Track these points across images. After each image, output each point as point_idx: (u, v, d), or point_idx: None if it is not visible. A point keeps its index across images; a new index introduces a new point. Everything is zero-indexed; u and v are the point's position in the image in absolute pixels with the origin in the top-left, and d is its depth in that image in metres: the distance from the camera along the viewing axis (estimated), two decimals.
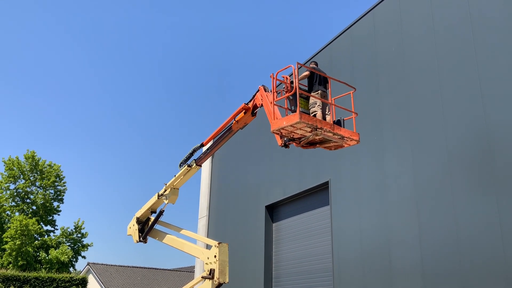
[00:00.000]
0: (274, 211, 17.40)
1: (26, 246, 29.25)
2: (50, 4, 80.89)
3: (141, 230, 11.01)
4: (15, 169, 32.47)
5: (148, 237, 10.93)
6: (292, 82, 7.84)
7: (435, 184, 10.58)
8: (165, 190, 10.32)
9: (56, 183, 33.69)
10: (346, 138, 7.85)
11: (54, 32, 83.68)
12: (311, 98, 8.08)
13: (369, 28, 13.66)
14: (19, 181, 32.90)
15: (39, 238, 31.98)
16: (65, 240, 32.59)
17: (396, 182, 11.67)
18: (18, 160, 32.75)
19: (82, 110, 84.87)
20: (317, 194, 15.01)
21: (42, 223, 32.96)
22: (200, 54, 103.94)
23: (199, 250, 9.42)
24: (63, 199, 34.43)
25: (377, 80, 12.96)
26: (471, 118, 10.05)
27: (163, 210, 10.56)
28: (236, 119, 8.97)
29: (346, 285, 12.57)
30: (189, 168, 9.83)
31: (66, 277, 23.12)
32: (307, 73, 8.33)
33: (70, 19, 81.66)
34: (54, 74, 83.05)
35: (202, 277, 8.71)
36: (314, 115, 7.85)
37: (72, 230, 33.17)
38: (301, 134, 7.57)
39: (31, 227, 29.42)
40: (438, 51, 11.19)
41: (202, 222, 22.21)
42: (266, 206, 17.33)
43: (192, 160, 9.90)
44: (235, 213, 19.62)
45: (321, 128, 7.38)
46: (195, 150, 9.89)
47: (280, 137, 7.81)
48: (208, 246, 9.33)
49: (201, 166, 9.94)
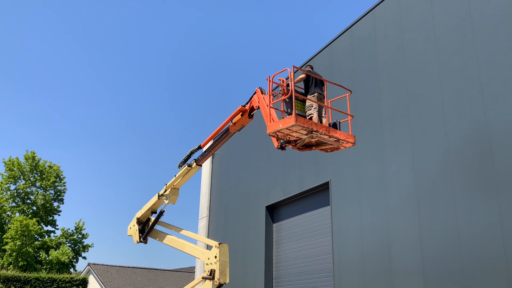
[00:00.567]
0: (274, 212, 17.41)
1: (26, 247, 29.26)
2: (52, 3, 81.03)
3: (141, 231, 11.04)
4: (15, 169, 32.46)
5: (148, 237, 10.96)
6: (288, 85, 7.87)
7: (436, 184, 10.59)
8: (165, 190, 10.36)
9: (56, 184, 33.68)
10: (342, 140, 7.92)
11: (54, 32, 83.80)
12: (307, 101, 8.14)
13: (369, 28, 13.67)
14: (19, 181, 32.89)
15: (40, 239, 31.99)
16: (65, 241, 32.59)
17: (396, 182, 11.67)
18: (18, 160, 32.73)
19: (82, 111, 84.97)
20: (317, 195, 15.02)
21: (42, 224, 32.95)
22: (200, 55, 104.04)
23: (200, 250, 9.45)
24: (63, 200, 34.42)
25: (377, 80, 12.96)
26: (472, 118, 10.05)
27: (163, 211, 10.60)
28: (233, 121, 9.04)
29: (346, 285, 12.58)
30: (189, 168, 9.88)
31: (67, 277, 23.14)
32: (303, 76, 8.40)
33: (70, 20, 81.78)
34: (54, 74, 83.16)
35: (203, 277, 8.75)
36: (310, 118, 7.91)
37: (72, 231, 33.17)
38: (297, 137, 7.64)
39: (32, 228, 29.42)
40: (439, 51, 11.20)
41: (203, 223, 22.22)
42: (266, 207, 17.34)
43: (192, 159, 9.93)
44: (236, 213, 19.63)
45: (316, 130, 7.47)
46: (193, 152, 9.97)
47: (276, 139, 7.89)
48: (208, 247, 9.36)
49: (201, 166, 9.98)
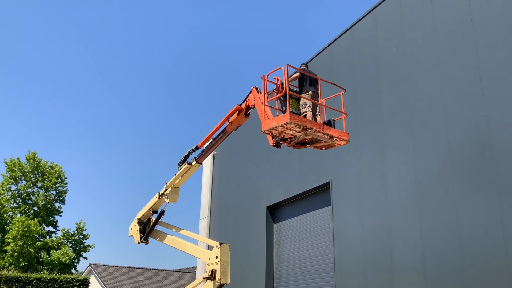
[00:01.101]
0: (275, 212, 17.42)
1: (27, 247, 29.30)
2: (55, 3, 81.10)
3: (142, 231, 11.07)
4: (16, 170, 32.49)
5: (149, 238, 10.96)
6: (282, 84, 7.93)
7: (437, 184, 10.59)
8: (166, 189, 10.40)
9: (57, 184, 33.70)
10: (336, 138, 8.04)
11: (57, 31, 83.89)
12: (302, 99, 8.28)
13: (370, 28, 13.68)
14: (21, 182, 32.93)
15: (41, 239, 32.01)
16: (66, 241, 32.60)
17: (397, 182, 11.67)
18: (19, 161, 32.76)
19: (84, 111, 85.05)
20: (318, 195, 15.03)
21: (43, 224, 32.98)
22: (201, 54, 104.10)
23: (201, 251, 9.46)
24: (65, 200, 34.43)
25: (378, 80, 12.97)
26: (473, 117, 10.06)
27: (164, 210, 10.64)
28: (229, 120, 9.13)
29: (347, 285, 12.58)
30: (189, 166, 9.94)
31: (68, 278, 23.17)
32: (298, 74, 8.55)
33: (72, 19, 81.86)
34: (56, 74, 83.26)
35: (204, 278, 8.77)
36: (305, 116, 8.05)
37: (73, 232, 33.19)
38: (291, 134, 7.76)
39: (33, 228, 29.46)
40: (439, 51, 11.20)
41: (204, 223, 22.24)
42: (267, 207, 17.35)
43: (192, 158, 9.97)
44: (237, 214, 19.64)
45: (310, 128, 7.59)
46: (190, 152, 10.07)
47: (271, 137, 8.01)
48: (209, 247, 9.37)
49: (201, 163, 10.02)
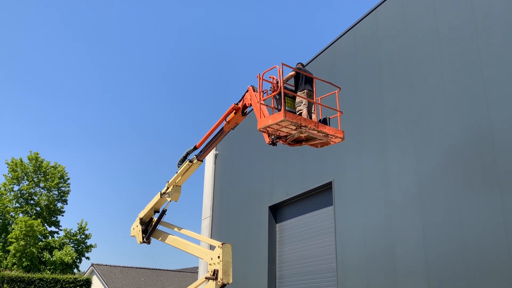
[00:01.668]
0: (277, 212, 17.44)
1: (30, 247, 29.38)
2: (54, 3, 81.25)
3: (144, 231, 11.13)
4: (19, 170, 32.57)
5: (151, 238, 10.98)
6: (278, 82, 7.98)
7: (439, 183, 10.60)
8: (167, 188, 10.46)
9: (60, 184, 33.76)
10: (331, 135, 8.17)
11: (56, 31, 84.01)
12: (297, 97, 8.42)
13: (372, 28, 13.68)
14: (23, 182, 33.00)
15: (43, 239, 32.08)
16: (68, 241, 32.65)
17: (399, 182, 11.68)
18: (22, 161, 32.83)
19: (85, 111, 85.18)
20: (320, 195, 15.04)
21: (46, 224, 33.04)
22: (201, 54, 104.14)
23: (203, 251, 9.51)
24: (67, 200, 34.49)
25: (380, 79, 12.98)
26: (475, 116, 10.08)
27: (166, 210, 10.71)
28: (227, 120, 9.22)
29: (349, 285, 12.60)
30: (190, 164, 9.99)
31: (70, 278, 23.28)
32: (293, 73, 8.70)
33: (73, 19, 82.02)
34: (57, 75, 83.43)
35: (206, 278, 8.81)
36: (300, 114, 8.19)
37: (75, 232, 33.24)
38: (286, 132, 7.88)
39: (36, 228, 29.53)
40: (441, 51, 11.21)
41: (206, 223, 22.27)
42: (269, 207, 17.39)
43: (193, 155, 10.01)
44: (239, 213, 19.67)
45: (305, 126, 7.74)
46: (189, 153, 10.20)
47: (267, 135, 8.13)
48: (211, 247, 9.41)
49: (201, 161, 10.06)
